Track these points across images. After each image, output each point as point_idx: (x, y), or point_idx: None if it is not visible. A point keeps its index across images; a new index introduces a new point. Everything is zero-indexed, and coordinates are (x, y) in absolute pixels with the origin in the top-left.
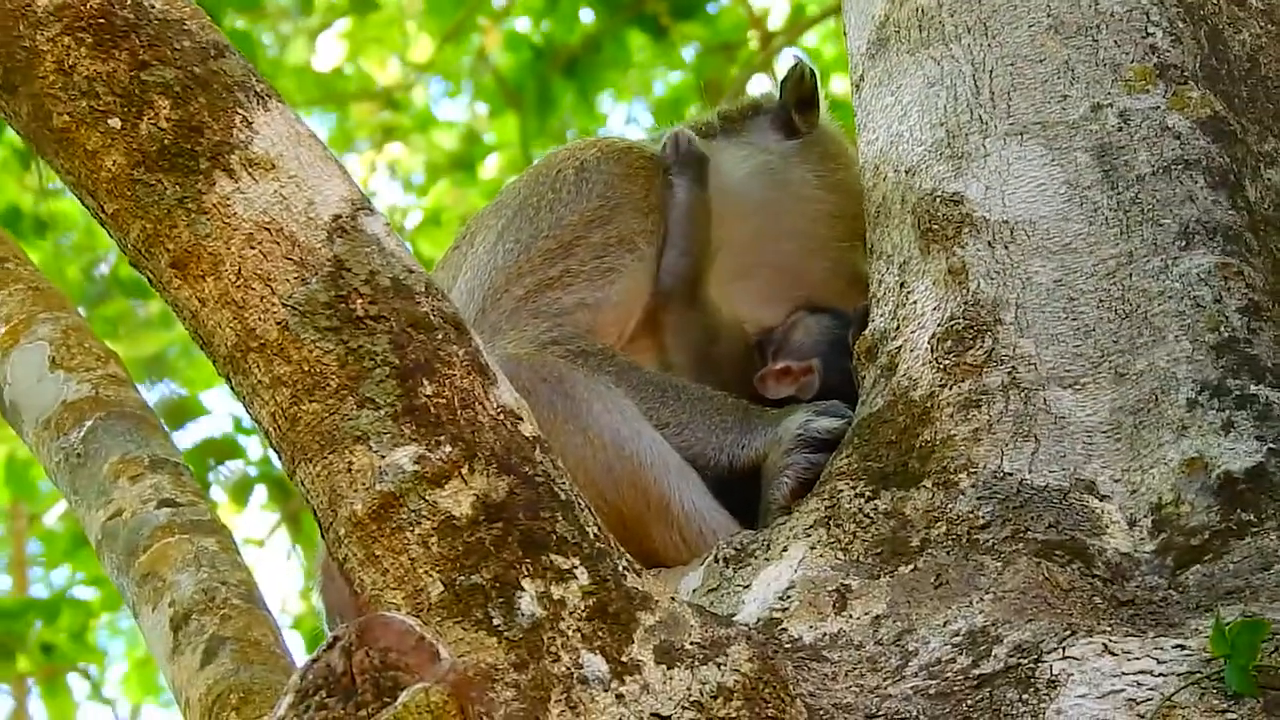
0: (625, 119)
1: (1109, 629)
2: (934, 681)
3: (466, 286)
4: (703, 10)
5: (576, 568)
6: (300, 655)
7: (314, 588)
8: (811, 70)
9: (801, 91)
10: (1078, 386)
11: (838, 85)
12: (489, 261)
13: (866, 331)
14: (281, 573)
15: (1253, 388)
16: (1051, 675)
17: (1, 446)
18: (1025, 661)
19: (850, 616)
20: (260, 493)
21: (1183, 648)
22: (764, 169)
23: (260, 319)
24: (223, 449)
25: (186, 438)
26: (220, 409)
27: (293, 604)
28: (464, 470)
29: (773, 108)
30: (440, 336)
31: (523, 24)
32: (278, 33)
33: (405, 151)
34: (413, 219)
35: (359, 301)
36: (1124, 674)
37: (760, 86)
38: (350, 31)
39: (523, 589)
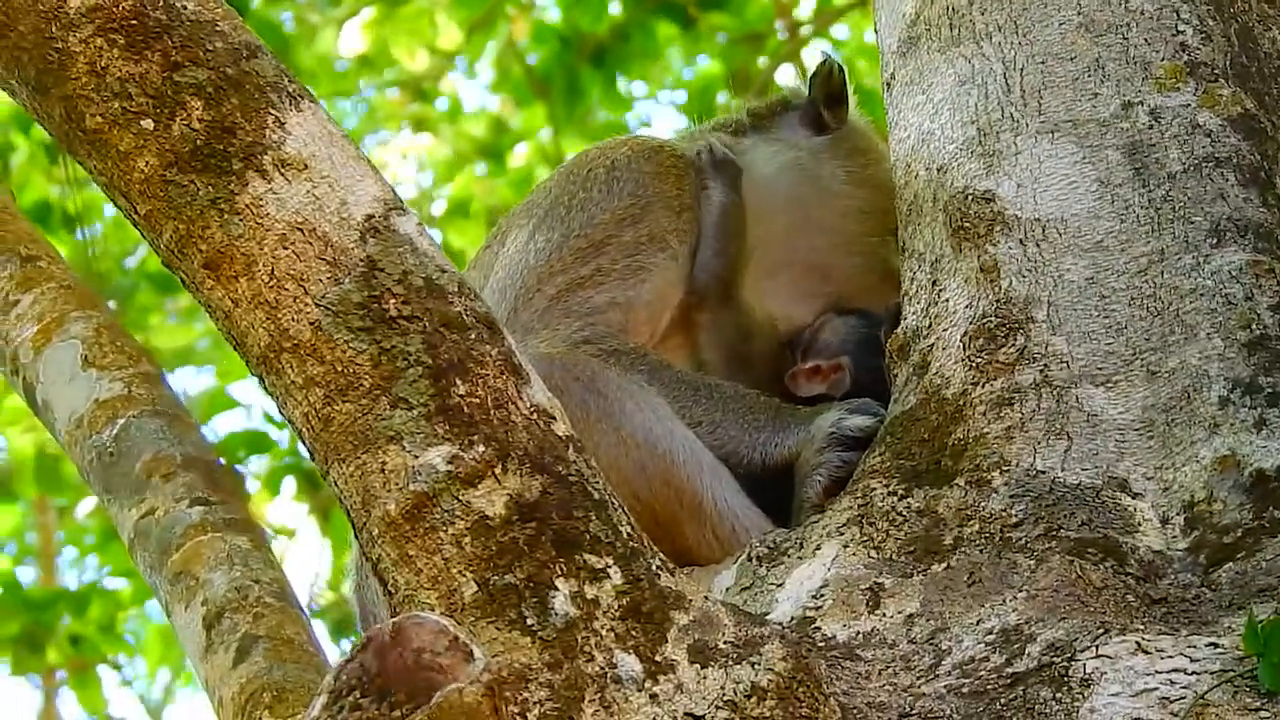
0: (651, 110)
1: (1142, 627)
2: (967, 680)
3: (498, 286)
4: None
5: (610, 567)
6: (332, 651)
7: (345, 580)
8: (840, 66)
9: (830, 87)
10: (1110, 384)
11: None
12: (520, 261)
13: (899, 329)
14: (310, 563)
15: None
16: (1085, 674)
17: (30, 434)
18: (1059, 660)
19: (883, 615)
20: (290, 483)
21: (1216, 646)
22: (794, 166)
23: (293, 319)
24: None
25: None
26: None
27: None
28: (497, 470)
29: (801, 104)
30: (473, 336)
31: (551, 14)
32: (305, 21)
33: (433, 141)
34: (436, 208)
35: (392, 301)
36: (1157, 672)
37: (789, 78)
38: (377, 19)
39: (556, 589)
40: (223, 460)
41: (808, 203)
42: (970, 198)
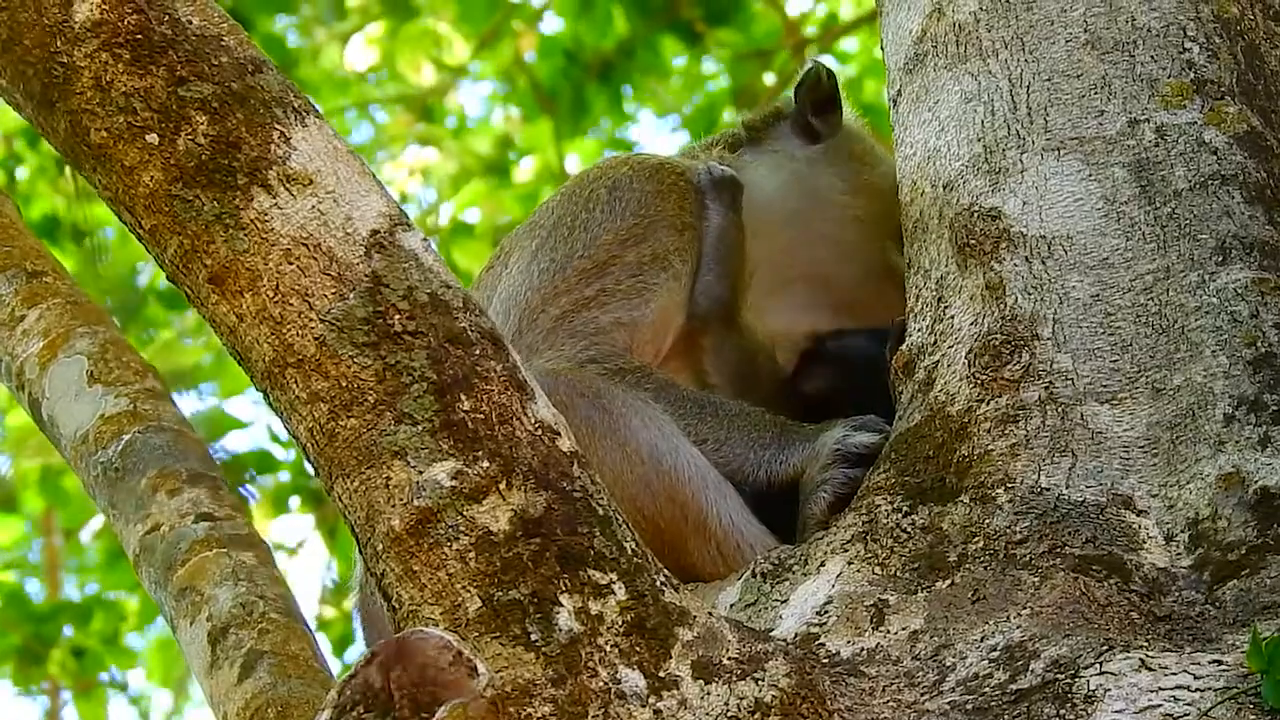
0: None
1: (1146, 644)
2: (971, 697)
3: (502, 307)
4: (738, 16)
5: (614, 583)
6: (336, 666)
7: (349, 595)
8: (829, 71)
9: (819, 93)
10: (1115, 401)
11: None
12: (524, 282)
13: (904, 346)
14: (315, 579)
15: None
16: (1089, 691)
17: (39, 457)
18: (1062, 677)
19: (888, 632)
20: (295, 501)
21: (1219, 663)
22: (790, 178)
23: (298, 334)
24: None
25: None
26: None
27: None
28: (502, 485)
29: (792, 113)
30: (478, 352)
31: (556, 26)
32: (311, 38)
33: (439, 157)
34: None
35: (397, 317)
36: (1161, 689)
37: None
38: (383, 36)
39: (560, 604)
40: (228, 481)
41: (806, 215)
42: (976, 214)
